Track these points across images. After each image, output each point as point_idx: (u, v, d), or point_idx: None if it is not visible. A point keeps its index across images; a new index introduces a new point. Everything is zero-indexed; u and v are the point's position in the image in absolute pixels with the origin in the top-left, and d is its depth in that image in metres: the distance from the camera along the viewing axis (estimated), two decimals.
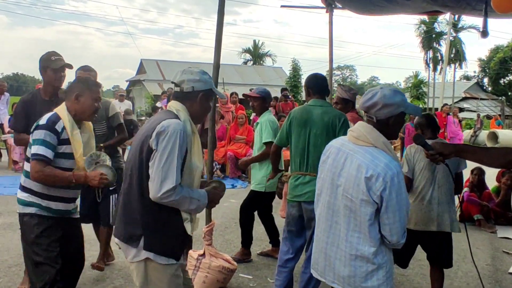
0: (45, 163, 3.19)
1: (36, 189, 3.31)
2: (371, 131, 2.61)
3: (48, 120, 3.27)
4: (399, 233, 2.54)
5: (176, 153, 2.59)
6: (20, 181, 3.41)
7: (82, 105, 3.40)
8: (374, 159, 2.53)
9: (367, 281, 2.59)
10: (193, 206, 2.73)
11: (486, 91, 52.87)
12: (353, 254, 2.60)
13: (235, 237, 6.43)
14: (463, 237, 6.85)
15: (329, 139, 3.94)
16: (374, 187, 2.49)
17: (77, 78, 3.89)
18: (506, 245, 6.57)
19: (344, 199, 2.61)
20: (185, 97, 2.81)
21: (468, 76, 60.99)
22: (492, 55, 52.87)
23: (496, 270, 5.53)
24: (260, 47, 56.85)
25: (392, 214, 2.50)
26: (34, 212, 3.32)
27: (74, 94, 3.39)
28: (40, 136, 3.21)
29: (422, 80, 43.64)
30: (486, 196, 7.90)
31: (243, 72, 42.30)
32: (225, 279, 4.53)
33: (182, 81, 2.81)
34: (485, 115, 37.74)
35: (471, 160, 2.85)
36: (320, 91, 4.25)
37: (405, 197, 2.55)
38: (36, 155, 3.18)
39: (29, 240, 3.33)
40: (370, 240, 2.56)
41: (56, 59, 4.19)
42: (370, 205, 2.52)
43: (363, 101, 2.68)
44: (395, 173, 2.49)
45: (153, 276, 2.71)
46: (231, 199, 8.61)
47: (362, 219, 2.55)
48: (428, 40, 45.64)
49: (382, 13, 7.37)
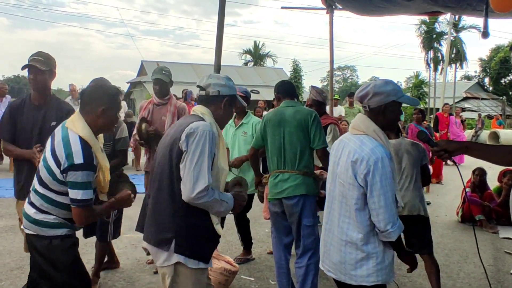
0: (91, 206, 2.83)
1: (69, 216, 2.87)
2: (364, 120, 2.74)
3: (84, 157, 2.74)
4: (386, 219, 2.54)
5: (207, 154, 2.64)
6: (37, 205, 2.88)
7: (107, 120, 2.94)
8: (362, 144, 2.65)
9: (356, 269, 2.64)
10: (222, 209, 2.75)
11: (487, 91, 52.92)
12: (343, 239, 2.68)
13: (236, 239, 6.42)
14: (465, 238, 6.89)
15: (304, 135, 4.11)
16: (359, 171, 2.59)
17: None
18: (508, 246, 6.55)
19: (339, 185, 2.73)
20: (210, 101, 2.88)
21: (469, 76, 61.09)
22: (493, 54, 52.90)
23: (498, 270, 5.52)
24: (261, 48, 56.89)
25: (377, 198, 2.54)
26: (65, 233, 2.90)
27: (100, 107, 2.88)
28: (81, 178, 2.72)
29: (423, 80, 43.70)
30: (487, 196, 7.88)
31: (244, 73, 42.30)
32: (227, 281, 4.53)
33: (208, 85, 2.88)
34: (486, 115, 37.77)
35: (477, 157, 2.81)
36: (290, 94, 4.41)
37: (391, 183, 2.57)
38: (83, 201, 2.75)
39: (62, 266, 2.89)
40: (357, 226, 2.63)
41: (29, 59, 3.85)
42: (356, 189, 2.61)
43: (357, 92, 2.83)
44: (379, 158, 2.55)
45: (183, 279, 2.73)
46: None
47: (350, 203, 2.65)
48: (429, 40, 45.66)
49: (382, 13, 7.38)
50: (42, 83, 3.94)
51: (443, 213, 8.49)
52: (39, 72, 3.89)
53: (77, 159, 2.71)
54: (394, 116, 2.79)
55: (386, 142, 2.69)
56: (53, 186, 2.81)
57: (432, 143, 2.84)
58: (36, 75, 3.89)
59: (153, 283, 4.77)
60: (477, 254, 6.02)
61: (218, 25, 4.42)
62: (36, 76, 3.89)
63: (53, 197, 2.84)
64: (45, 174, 2.81)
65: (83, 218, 2.80)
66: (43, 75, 3.91)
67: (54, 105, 4.05)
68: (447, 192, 10.52)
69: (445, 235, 7.06)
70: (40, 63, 3.87)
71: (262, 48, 57.12)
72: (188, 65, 41.19)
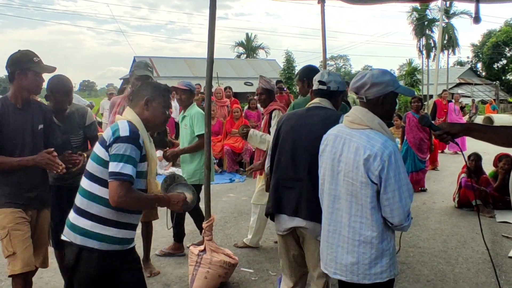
0: (130, 184, 2.62)
1: (106, 216, 2.71)
2: (365, 114, 2.64)
3: (130, 131, 2.67)
4: (401, 215, 2.51)
5: None
6: (77, 204, 2.76)
7: (153, 113, 2.87)
8: (371, 140, 2.54)
9: (370, 268, 2.58)
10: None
11: (480, 76, 53.01)
12: (357, 239, 2.59)
13: (235, 232, 6.45)
14: (463, 223, 6.92)
15: None
16: (372, 167, 2.50)
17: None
18: (505, 229, 6.59)
19: (346, 183, 2.62)
20: (331, 95, 3.40)
21: (462, 62, 61.12)
22: (485, 40, 52.98)
23: (496, 254, 5.55)
24: (253, 40, 56.75)
25: (392, 194, 2.48)
26: (95, 247, 2.70)
27: (143, 98, 2.86)
28: (124, 151, 2.61)
29: (416, 68, 43.66)
30: (483, 181, 7.92)
31: (237, 65, 42.08)
32: (227, 274, 4.54)
33: (330, 81, 3.37)
34: (480, 100, 37.86)
35: (479, 139, 2.76)
36: None
37: (405, 177, 2.53)
38: (121, 175, 2.58)
39: (83, 280, 2.74)
40: (372, 224, 2.56)
41: (39, 61, 3.55)
42: (370, 187, 2.52)
43: (353, 83, 2.73)
44: (392, 152, 2.49)
45: None
46: (230, 193, 8.62)
47: (363, 202, 2.56)
48: (421, 27, 45.59)
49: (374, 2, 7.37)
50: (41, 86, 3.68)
51: (440, 200, 8.52)
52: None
53: (123, 132, 2.65)
54: (391, 107, 2.75)
55: (391, 135, 2.65)
56: (100, 174, 2.69)
57: (434, 127, 2.80)
58: (41, 77, 3.62)
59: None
60: (475, 239, 6.09)
61: (209, 18, 4.38)
62: (41, 78, 3.63)
63: (93, 190, 2.70)
64: (93, 166, 2.71)
65: (119, 196, 2.56)
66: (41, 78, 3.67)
67: (36, 106, 3.76)
68: (443, 178, 10.56)
69: (443, 221, 7.09)
70: None
71: (255, 40, 56.99)
72: (181, 59, 40.91)
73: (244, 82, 36.35)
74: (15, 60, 3.49)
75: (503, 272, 5.04)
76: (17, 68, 3.48)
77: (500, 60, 52.24)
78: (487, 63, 52.17)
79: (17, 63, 3.48)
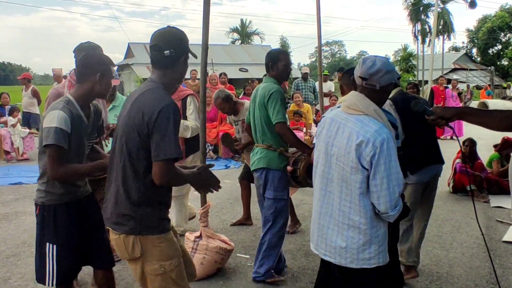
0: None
1: None
2: (362, 100, 2.63)
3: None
4: (387, 202, 2.51)
5: None
6: None
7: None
8: (364, 125, 2.54)
9: (359, 253, 2.61)
10: None
11: (475, 62, 53.03)
12: (346, 223, 2.62)
13: (231, 218, 6.46)
14: (457, 208, 6.95)
15: (264, 111, 4.15)
16: (364, 153, 2.50)
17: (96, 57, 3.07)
18: (499, 214, 6.63)
19: (337, 167, 2.63)
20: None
21: (457, 47, 61.17)
22: (480, 25, 52.94)
23: (490, 239, 5.59)
24: (248, 26, 56.47)
25: (380, 181, 2.48)
26: None
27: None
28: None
29: (411, 53, 43.70)
30: (478, 166, 7.95)
31: (232, 51, 41.92)
32: (223, 260, 4.56)
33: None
34: (475, 86, 37.88)
35: (474, 123, 2.73)
36: (267, 69, 4.36)
37: (395, 166, 2.52)
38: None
39: None
40: (360, 210, 2.57)
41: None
42: (360, 172, 2.53)
43: (365, 69, 2.63)
44: (385, 139, 2.48)
45: None
46: (225, 179, 8.62)
47: (352, 187, 2.57)
48: (416, 12, 45.49)
49: None
50: None
51: None
52: None
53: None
54: (389, 95, 2.80)
55: (387, 121, 2.64)
56: None
57: (429, 112, 2.78)
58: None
59: None
60: (469, 224, 6.13)
61: (204, 4, 4.35)
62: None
63: None
64: None
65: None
66: None
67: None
68: None
69: (437, 206, 7.10)
70: None
71: (249, 26, 56.72)
72: None
73: (239, 68, 36.26)
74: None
75: (497, 256, 5.08)
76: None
77: (495, 45, 52.29)
78: (482, 49, 52.21)
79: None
